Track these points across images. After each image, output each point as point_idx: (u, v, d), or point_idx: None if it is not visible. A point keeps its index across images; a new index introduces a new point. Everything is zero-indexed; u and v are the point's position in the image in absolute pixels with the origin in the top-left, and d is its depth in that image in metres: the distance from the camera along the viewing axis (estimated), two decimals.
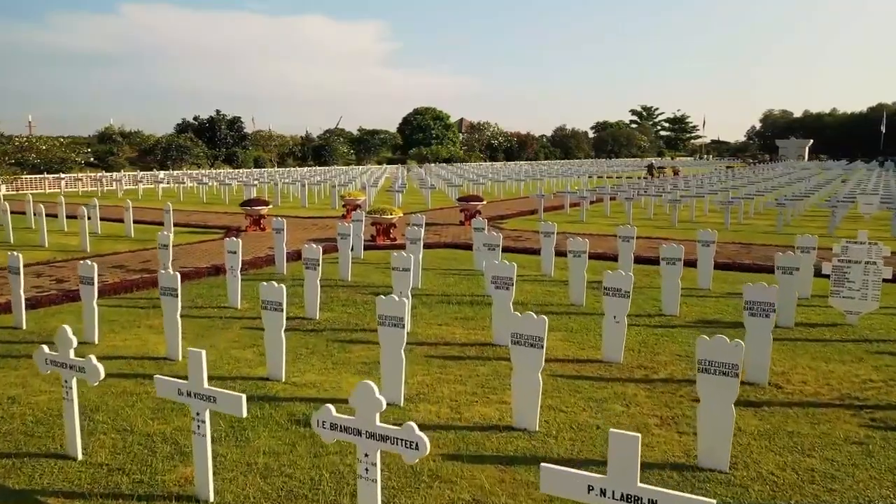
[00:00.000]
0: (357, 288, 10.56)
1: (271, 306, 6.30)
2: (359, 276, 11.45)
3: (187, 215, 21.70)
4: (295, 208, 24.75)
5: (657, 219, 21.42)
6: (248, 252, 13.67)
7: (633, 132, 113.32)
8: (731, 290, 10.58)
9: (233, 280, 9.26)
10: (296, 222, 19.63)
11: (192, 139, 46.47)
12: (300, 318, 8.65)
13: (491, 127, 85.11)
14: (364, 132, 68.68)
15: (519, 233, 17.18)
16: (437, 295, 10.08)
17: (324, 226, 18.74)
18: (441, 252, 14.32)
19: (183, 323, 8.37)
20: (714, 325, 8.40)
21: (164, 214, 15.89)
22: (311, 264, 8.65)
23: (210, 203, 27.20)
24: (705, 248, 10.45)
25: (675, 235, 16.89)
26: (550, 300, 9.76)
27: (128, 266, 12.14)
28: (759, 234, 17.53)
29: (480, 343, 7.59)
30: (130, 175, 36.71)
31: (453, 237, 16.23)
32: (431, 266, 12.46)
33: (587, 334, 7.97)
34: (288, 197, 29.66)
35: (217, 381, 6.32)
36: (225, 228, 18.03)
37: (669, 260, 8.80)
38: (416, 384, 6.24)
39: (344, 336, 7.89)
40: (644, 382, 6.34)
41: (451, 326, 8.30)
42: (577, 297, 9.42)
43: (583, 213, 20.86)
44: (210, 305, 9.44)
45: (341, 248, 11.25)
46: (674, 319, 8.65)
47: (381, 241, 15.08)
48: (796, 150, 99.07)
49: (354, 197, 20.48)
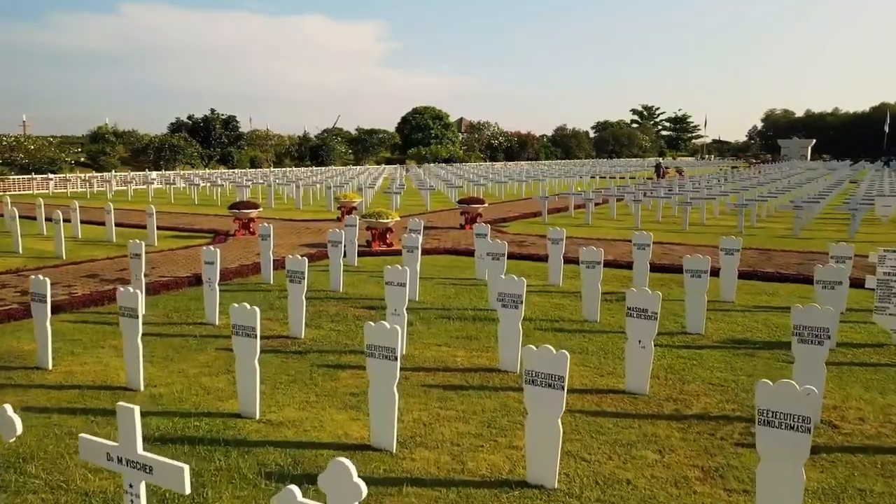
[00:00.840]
0: (349, 301, 9.68)
1: (243, 331, 5.42)
2: (351, 287, 10.56)
3: (175, 218, 20.80)
4: (289, 210, 23.86)
5: (666, 222, 20.55)
6: (233, 259, 12.79)
7: (634, 132, 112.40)
8: (756, 302, 9.70)
9: (210, 293, 8.37)
10: (288, 226, 18.74)
11: (186, 139, 45.48)
12: (283, 338, 7.77)
13: (491, 126, 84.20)
14: (362, 132, 67.71)
15: (523, 237, 16.30)
16: (436, 309, 9.20)
17: (317, 229, 17.86)
18: (440, 259, 13.44)
19: (153, 342, 7.52)
20: (745, 345, 7.52)
21: (147, 218, 15.00)
22: (295, 277, 7.77)
23: (201, 205, 26.31)
24: (729, 257, 9.56)
25: (687, 240, 16.02)
26: (561, 315, 8.87)
27: (103, 275, 11.25)
28: (775, 238, 16.65)
29: (485, 369, 6.70)
30: (121, 176, 35.79)
31: (453, 242, 15.35)
32: (430, 274, 11.59)
33: (605, 357, 7.09)
34: (282, 198, 28.77)
35: (180, 417, 5.45)
36: (213, 233, 17.14)
37: (694, 272, 7.92)
38: (411, 422, 5.36)
39: (331, 359, 7.00)
40: (676, 420, 5.46)
41: (452, 347, 7.42)
42: (591, 313, 8.54)
43: (588, 215, 19.99)
44: (185, 321, 8.56)
45: (332, 256, 10.37)
46: (700, 339, 7.77)
47: (376, 247, 14.20)
48: (799, 150, 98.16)
49: (350, 199, 19.60)
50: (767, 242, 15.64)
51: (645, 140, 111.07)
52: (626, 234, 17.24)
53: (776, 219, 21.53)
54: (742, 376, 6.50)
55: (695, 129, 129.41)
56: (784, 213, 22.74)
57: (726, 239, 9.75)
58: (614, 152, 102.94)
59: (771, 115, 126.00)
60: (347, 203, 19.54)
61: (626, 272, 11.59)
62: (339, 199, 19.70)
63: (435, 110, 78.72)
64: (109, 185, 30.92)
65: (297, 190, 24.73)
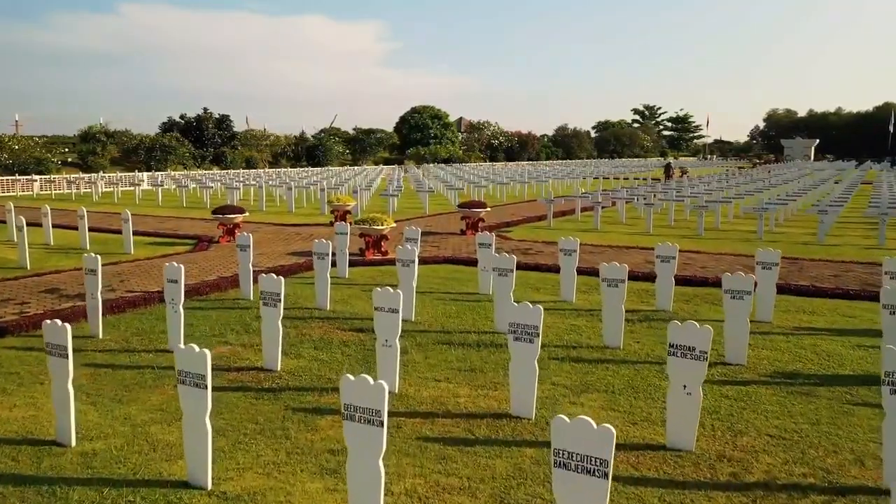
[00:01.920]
0: (336, 321, 8.55)
1: (190, 379, 4.30)
2: (340, 304, 9.44)
3: (160, 222, 19.67)
4: (281, 214, 22.73)
5: (679, 226, 19.43)
6: (213, 270, 11.66)
7: (636, 132, 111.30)
8: (796, 322, 8.59)
9: (173, 317, 7.25)
10: (277, 231, 17.61)
11: (178, 139, 44.23)
12: (256, 370, 6.65)
13: (491, 126, 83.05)
14: (360, 131, 66.50)
15: (528, 244, 15.18)
16: (435, 332, 8.08)
17: (308, 235, 16.73)
18: (439, 269, 12.31)
19: (102, 377, 6.41)
20: (798, 381, 6.40)
21: (123, 224, 13.87)
22: (270, 299, 6.65)
23: (190, 207, 25.18)
24: (767, 272, 8.45)
25: (705, 247, 14.89)
26: (578, 339, 7.75)
27: (64, 290, 10.12)
28: (799, 245, 15.53)
29: (494, 414, 5.58)
30: (109, 176, 34.61)
31: (454, 250, 14.23)
32: (428, 287, 10.47)
33: (636, 398, 5.96)
34: (275, 200, 27.62)
35: (112, 487, 4.33)
36: (197, 239, 16.01)
37: (735, 293, 6.80)
38: (403, 496, 4.24)
39: (310, 399, 5.88)
40: (737, 490, 4.34)
41: (454, 383, 6.30)
42: (613, 338, 7.42)
43: (597, 219, 18.86)
44: (146, 347, 7.43)
45: (318, 270, 9.24)
46: (743, 372, 6.65)
47: (370, 256, 13.07)
48: (802, 150, 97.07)
49: (344, 203, 18.47)
50: (793, 250, 14.53)
51: (647, 140, 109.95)
52: (638, 240, 16.14)
53: (794, 223, 20.42)
54: (804, 424, 5.38)
55: (696, 128, 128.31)
56: (802, 217, 21.63)
57: (764, 252, 8.63)
58: (615, 152, 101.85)
59: (773, 114, 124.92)
60: (341, 207, 18.41)
61: (644, 285, 10.48)
62: (332, 203, 18.56)
63: (434, 110, 77.52)
64: (95, 186, 29.73)
65: (290, 192, 23.58)
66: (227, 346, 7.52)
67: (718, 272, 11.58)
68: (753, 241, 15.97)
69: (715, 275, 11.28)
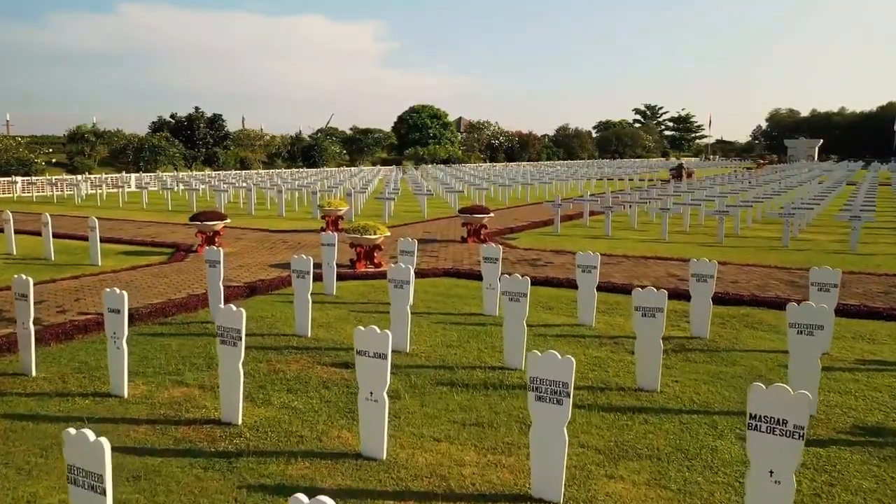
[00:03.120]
0: (317, 352, 7.27)
1: (82, 479, 3.02)
2: (325, 329, 8.16)
3: (138, 228, 18.36)
4: (270, 218, 21.42)
5: (695, 232, 18.15)
6: (184, 286, 10.37)
7: (638, 132, 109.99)
8: (856, 353, 7.31)
9: (114, 354, 5.97)
10: (263, 238, 16.31)
11: (168, 139, 42.80)
12: (211, 424, 5.37)
13: (491, 126, 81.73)
14: (357, 131, 65.12)
15: (536, 253, 13.88)
16: (433, 366, 6.80)
17: (296, 243, 15.43)
18: (439, 283, 11.03)
19: (15, 436, 5.12)
20: (886, 438, 5.12)
21: (89, 233, 12.57)
22: (229, 336, 5.35)
23: (176, 211, 23.87)
24: (825, 295, 7.16)
25: (729, 256, 13.60)
26: (604, 378, 6.47)
27: (9, 312, 8.82)
28: (829, 255, 14.25)
29: (512, 496, 4.30)
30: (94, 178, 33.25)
31: (454, 260, 12.94)
32: (425, 306, 9.20)
33: (689, 467, 4.68)
34: (265, 203, 26.30)
35: None
36: (174, 247, 14.72)
37: (804, 327, 5.51)
38: None
39: (273, 471, 4.60)
40: None
41: (457, 444, 5.02)
42: (649, 379, 6.14)
43: (607, 225, 17.56)
44: (84, 390, 6.15)
45: (297, 291, 7.94)
46: (816, 425, 5.37)
47: (361, 268, 11.79)
48: (806, 150, 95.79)
49: (336, 207, 17.16)
50: (825, 260, 13.25)
51: (649, 140, 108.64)
52: (655, 248, 14.85)
53: (817, 228, 19.13)
54: None
55: (698, 128, 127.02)
56: (823, 222, 20.36)
57: (818, 270, 7.35)
58: (617, 153, 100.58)
59: (776, 114, 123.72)
60: (333, 212, 17.12)
61: (672, 304, 9.19)
62: (324, 207, 17.26)
63: (433, 109, 76.18)
64: (78, 188, 28.36)
65: (280, 195, 22.25)
66: (183, 387, 6.24)
67: (751, 287, 10.31)
68: (780, 250, 14.70)
69: (749, 291, 10.01)
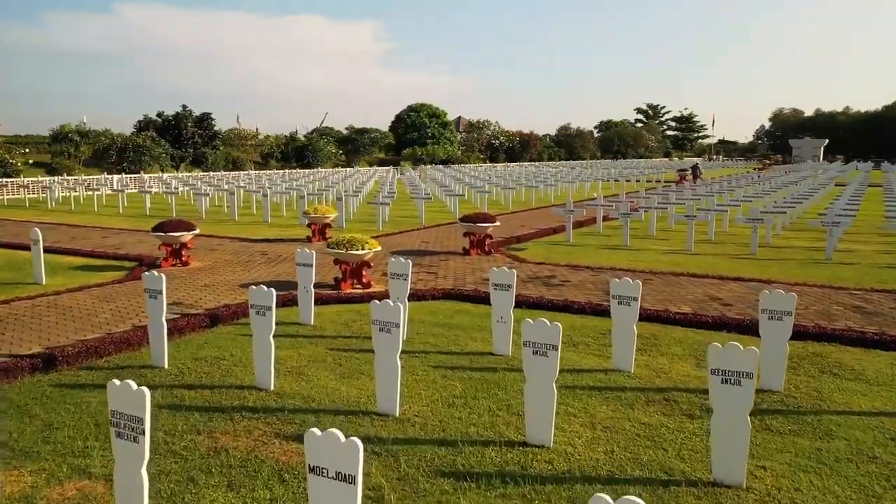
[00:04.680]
0: (279, 417, 5.52)
1: None
2: (293, 379, 6.41)
3: (104, 237, 16.61)
4: (254, 225, 19.64)
5: (722, 241, 16.40)
6: (131, 314, 8.61)
7: (640, 131, 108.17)
8: None
9: None
10: (240, 250, 14.55)
11: (154, 138, 40.86)
12: None
13: (491, 126, 79.92)
14: (353, 131, 63.20)
15: (550, 270, 12.11)
16: (430, 441, 5.05)
17: (277, 256, 13.68)
18: (438, 308, 9.29)
19: None
20: None
21: (32, 247, 10.83)
22: (125, 427, 3.60)
23: (154, 216, 22.06)
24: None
25: (769, 272, 11.84)
26: (661, 461, 4.72)
27: None
28: (884, 270, 12.50)
29: None
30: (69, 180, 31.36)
31: (455, 278, 11.20)
32: (420, 343, 7.47)
33: None
34: (251, 208, 24.50)
35: None
36: (138, 261, 12.98)
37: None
38: None
39: None
40: None
41: None
42: (730, 470, 4.39)
43: (625, 234, 15.79)
44: None
45: (257, 333, 6.18)
46: None
47: (347, 289, 10.05)
48: (811, 150, 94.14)
49: (323, 213, 15.41)
50: (879, 277, 11.52)
51: (651, 140, 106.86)
52: (681, 261, 13.07)
53: (854, 237, 17.37)
54: None
55: (701, 128, 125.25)
56: (860, 230, 18.61)
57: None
58: (619, 153, 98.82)
59: (779, 114, 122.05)
60: (319, 219, 15.38)
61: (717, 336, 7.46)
62: (310, 214, 15.50)
63: (431, 107, 74.31)
64: (51, 191, 26.52)
65: (265, 199, 20.47)
66: (84, 478, 4.50)
67: (812, 315, 8.55)
68: (824, 264, 12.97)
69: (813, 321, 8.26)
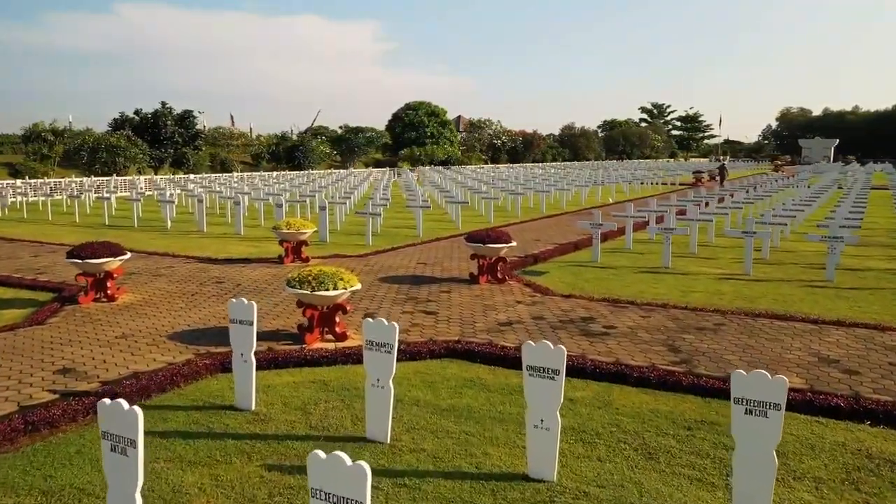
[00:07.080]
0: None
1: None
2: None
3: (34, 255, 13.83)
4: (222, 239, 16.83)
5: (780, 262, 13.59)
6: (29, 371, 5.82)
7: (646, 131, 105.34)
8: None
9: None
10: (192, 274, 11.76)
11: (130, 137, 37.93)
12: None
13: (493, 125, 77.09)
14: (347, 130, 60.31)
15: (583, 304, 9.29)
16: None
17: (235, 285, 10.89)
18: (437, 372, 6.52)
19: None
20: None
21: None
22: None
23: (113, 226, 19.32)
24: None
25: (876, 310, 9.06)
26: None
27: None
28: None
29: None
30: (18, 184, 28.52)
31: (461, 320, 8.42)
32: (410, 449, 4.74)
33: None
34: (226, 216, 21.70)
35: None
36: (58, 291, 10.22)
37: None
38: None
39: None
40: None
41: None
42: None
43: (666, 255, 12.91)
44: None
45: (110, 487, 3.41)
46: None
47: (313, 343, 7.28)
48: (821, 150, 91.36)
49: (298, 228, 12.63)
50: None
51: (657, 140, 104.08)
52: (745, 291, 10.23)
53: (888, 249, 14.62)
54: None
55: (707, 128, 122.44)
56: None
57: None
58: (624, 153, 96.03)
59: (787, 113, 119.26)
60: (293, 235, 12.60)
61: (855, 431, 4.70)
62: (281, 229, 12.69)
63: (430, 106, 71.45)
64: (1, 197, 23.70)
65: (238, 207, 17.67)
66: None
67: None
68: None
69: None
